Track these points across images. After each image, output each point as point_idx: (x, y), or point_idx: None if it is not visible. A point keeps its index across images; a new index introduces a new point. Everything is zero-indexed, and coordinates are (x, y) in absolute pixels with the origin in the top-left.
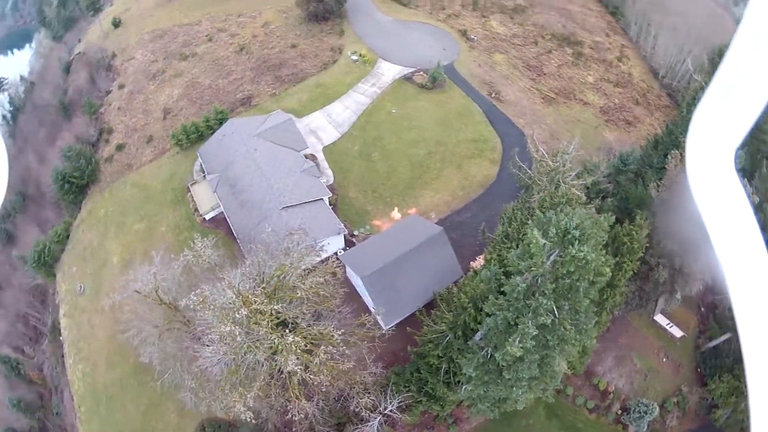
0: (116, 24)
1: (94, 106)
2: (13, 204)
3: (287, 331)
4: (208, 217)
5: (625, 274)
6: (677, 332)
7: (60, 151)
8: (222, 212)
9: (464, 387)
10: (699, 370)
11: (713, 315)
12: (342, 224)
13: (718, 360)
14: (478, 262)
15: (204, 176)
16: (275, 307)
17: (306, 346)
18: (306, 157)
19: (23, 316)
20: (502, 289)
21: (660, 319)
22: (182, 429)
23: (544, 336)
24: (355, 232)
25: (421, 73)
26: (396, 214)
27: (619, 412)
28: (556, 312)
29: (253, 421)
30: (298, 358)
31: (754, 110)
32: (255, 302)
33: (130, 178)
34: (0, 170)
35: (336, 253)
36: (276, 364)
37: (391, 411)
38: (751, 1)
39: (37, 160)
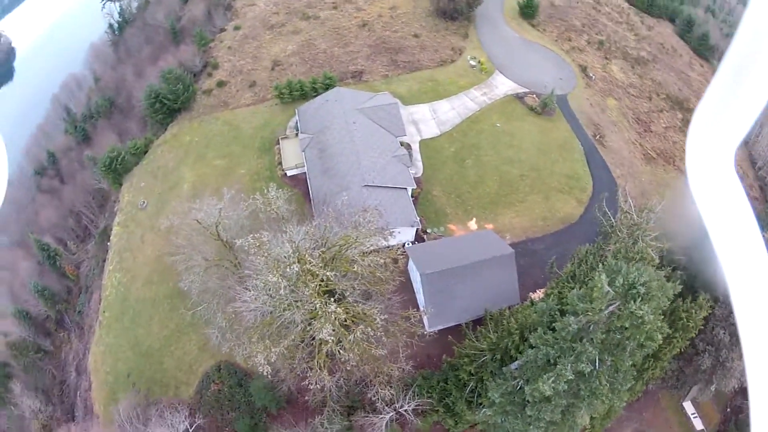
0: None
1: (205, 38)
2: (98, 107)
3: (332, 300)
4: (289, 173)
5: (672, 350)
6: (698, 425)
7: (160, 71)
8: (304, 173)
9: (484, 410)
10: None
11: (736, 419)
12: (418, 218)
13: None
14: (538, 295)
15: (296, 134)
16: (328, 273)
17: (346, 320)
18: (401, 144)
19: (76, 213)
20: (553, 325)
21: (688, 406)
22: (199, 362)
23: (578, 384)
24: (428, 230)
25: (534, 95)
26: (473, 224)
27: None
28: (597, 363)
29: (270, 377)
30: (334, 330)
31: (755, 110)
32: (310, 263)
33: (223, 115)
34: (0, 169)
35: (404, 245)
36: (310, 330)
37: (405, 411)
38: (751, 1)
39: (134, 73)
